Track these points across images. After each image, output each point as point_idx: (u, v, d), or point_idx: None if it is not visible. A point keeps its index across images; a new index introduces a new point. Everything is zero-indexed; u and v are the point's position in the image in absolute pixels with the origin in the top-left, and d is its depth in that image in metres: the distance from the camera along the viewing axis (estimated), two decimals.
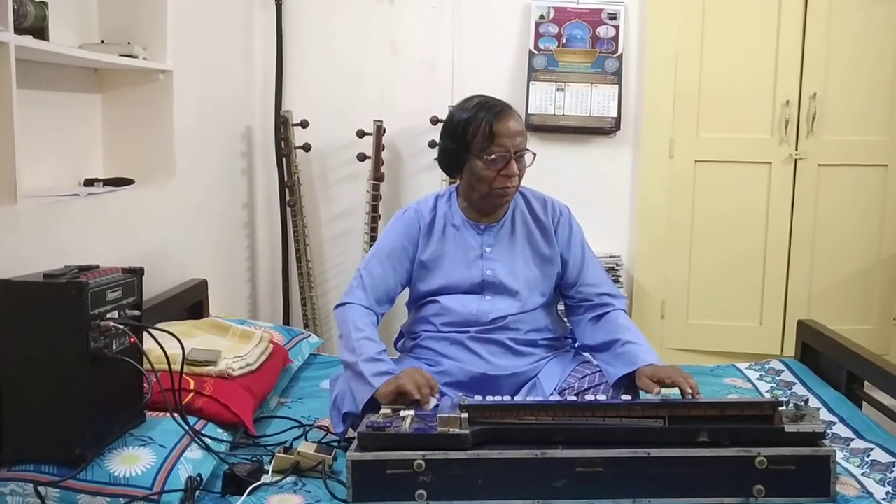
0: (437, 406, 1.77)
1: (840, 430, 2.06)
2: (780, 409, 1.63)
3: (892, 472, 1.77)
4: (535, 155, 2.00)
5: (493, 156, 1.94)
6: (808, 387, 2.38)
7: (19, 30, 1.72)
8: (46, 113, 2.08)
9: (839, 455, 1.83)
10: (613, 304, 2.08)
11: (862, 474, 1.78)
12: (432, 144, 3.37)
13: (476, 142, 1.95)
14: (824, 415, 2.13)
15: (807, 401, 1.68)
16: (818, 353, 2.56)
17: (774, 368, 2.58)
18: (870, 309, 3.53)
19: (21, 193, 1.66)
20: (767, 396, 2.32)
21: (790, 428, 1.59)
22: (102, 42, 2.24)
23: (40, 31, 1.85)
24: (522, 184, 2.06)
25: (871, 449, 1.90)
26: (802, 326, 2.67)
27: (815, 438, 1.59)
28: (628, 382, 1.89)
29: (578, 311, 2.10)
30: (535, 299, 2.06)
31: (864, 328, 3.46)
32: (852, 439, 1.99)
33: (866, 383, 2.32)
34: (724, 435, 1.60)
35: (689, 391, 1.77)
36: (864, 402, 2.33)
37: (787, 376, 2.50)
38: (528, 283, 2.06)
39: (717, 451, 1.57)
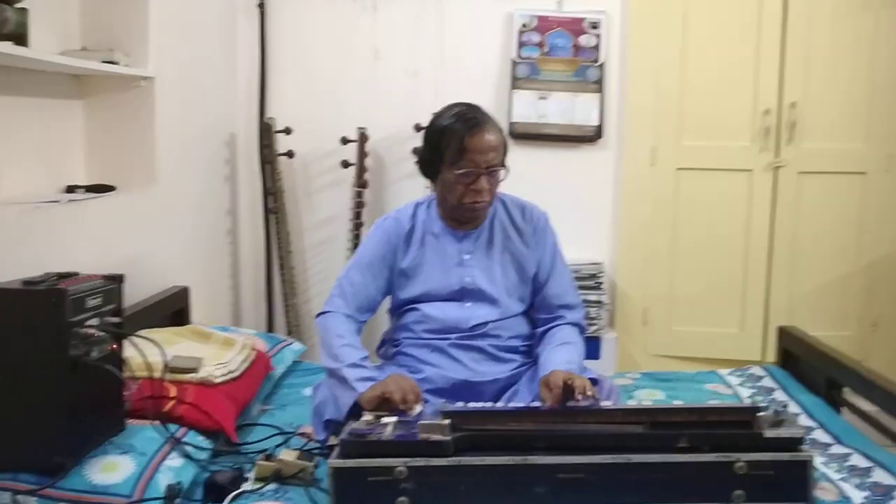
0: (420, 413, 1.77)
1: (819, 435, 2.08)
2: (759, 414, 1.64)
3: (870, 477, 1.78)
4: (507, 170, 2.00)
5: (463, 170, 1.94)
6: (789, 393, 2.40)
7: None
8: (27, 119, 2.07)
9: (818, 460, 1.84)
10: (565, 317, 2.08)
11: (840, 479, 1.80)
12: (416, 151, 3.36)
13: (448, 154, 1.95)
14: (804, 420, 2.15)
15: (786, 406, 1.69)
16: (798, 359, 2.58)
17: (755, 374, 2.59)
18: (849, 315, 3.57)
19: (1, 199, 1.65)
20: (748, 402, 2.34)
21: (769, 433, 1.60)
22: (84, 48, 2.23)
23: (20, 38, 1.84)
24: (502, 190, 2.06)
25: (850, 454, 1.92)
26: (783, 333, 2.69)
27: (793, 444, 1.59)
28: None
29: (538, 322, 2.11)
30: (515, 306, 2.07)
31: (844, 334, 3.49)
32: (831, 444, 2.01)
33: (846, 389, 2.34)
34: (704, 441, 1.61)
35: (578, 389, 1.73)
36: (843, 408, 2.35)
37: (767, 382, 2.52)
38: (508, 290, 2.06)
39: (697, 456, 1.58)
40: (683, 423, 1.66)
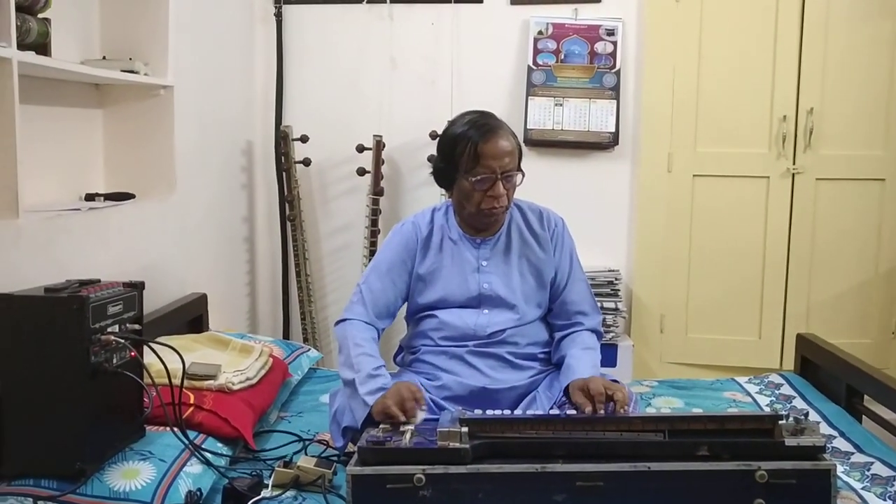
0: (435, 420, 1.76)
1: (840, 443, 2.06)
2: (780, 422, 1.63)
3: (892, 486, 1.77)
4: (523, 175, 2.00)
5: (479, 177, 1.94)
6: (808, 400, 2.38)
7: (22, 45, 1.73)
8: (48, 128, 2.09)
9: (839, 469, 1.83)
10: (583, 324, 2.08)
11: (862, 488, 1.78)
12: (431, 159, 3.36)
13: (462, 162, 1.95)
14: (824, 429, 2.14)
15: (807, 414, 1.68)
16: (818, 366, 2.56)
17: (774, 382, 2.58)
18: (868, 323, 3.53)
19: (23, 208, 1.67)
20: (767, 410, 2.33)
21: (790, 442, 1.59)
22: (104, 58, 2.25)
23: (43, 47, 1.86)
24: (518, 196, 2.06)
25: (872, 463, 1.90)
26: (802, 340, 2.68)
27: (815, 452, 1.58)
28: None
29: (554, 328, 2.11)
30: (533, 312, 2.07)
31: (863, 342, 3.46)
32: (852, 453, 2.00)
33: (866, 397, 2.32)
34: (725, 449, 1.60)
35: (620, 404, 1.75)
36: (863, 416, 2.33)
37: (786, 390, 2.50)
38: (525, 296, 2.06)
39: (718, 464, 1.57)
40: (703, 431, 1.65)
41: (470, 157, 1.94)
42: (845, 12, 3.39)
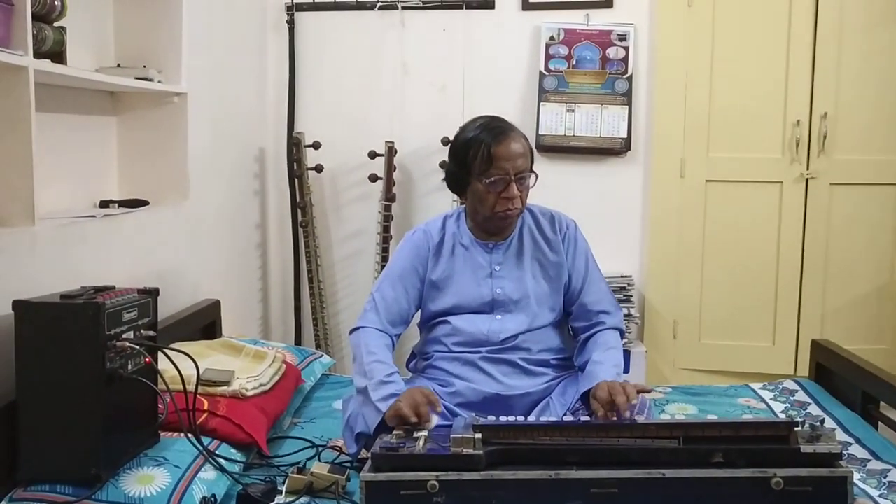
0: (448, 426, 1.76)
1: (856, 450, 2.05)
2: (796, 429, 1.62)
3: None
4: (537, 176, 2.01)
5: (492, 179, 1.95)
6: (823, 407, 2.37)
7: (38, 54, 1.74)
8: (63, 135, 2.10)
9: (856, 476, 1.81)
10: (605, 323, 2.07)
11: (879, 495, 1.77)
12: (443, 165, 3.37)
13: (476, 164, 1.96)
14: (840, 435, 2.12)
15: (822, 421, 1.66)
16: (833, 373, 2.54)
17: (788, 388, 2.56)
18: (884, 328, 3.51)
19: (38, 215, 1.67)
20: (782, 417, 2.31)
21: (806, 448, 1.58)
22: (118, 65, 2.27)
23: (58, 56, 1.87)
24: (530, 201, 2.07)
25: (888, 470, 1.89)
26: (817, 346, 2.66)
27: (831, 459, 1.57)
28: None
29: (577, 330, 2.11)
30: (546, 315, 2.07)
31: (878, 348, 3.43)
32: (869, 460, 1.98)
33: (882, 403, 2.30)
34: (740, 455, 1.59)
35: (616, 410, 1.75)
36: (879, 423, 2.31)
37: (801, 396, 2.48)
38: (538, 300, 2.06)
39: (733, 471, 1.56)
40: (718, 438, 1.64)
41: (483, 159, 1.94)
42: (859, 16, 3.37)
